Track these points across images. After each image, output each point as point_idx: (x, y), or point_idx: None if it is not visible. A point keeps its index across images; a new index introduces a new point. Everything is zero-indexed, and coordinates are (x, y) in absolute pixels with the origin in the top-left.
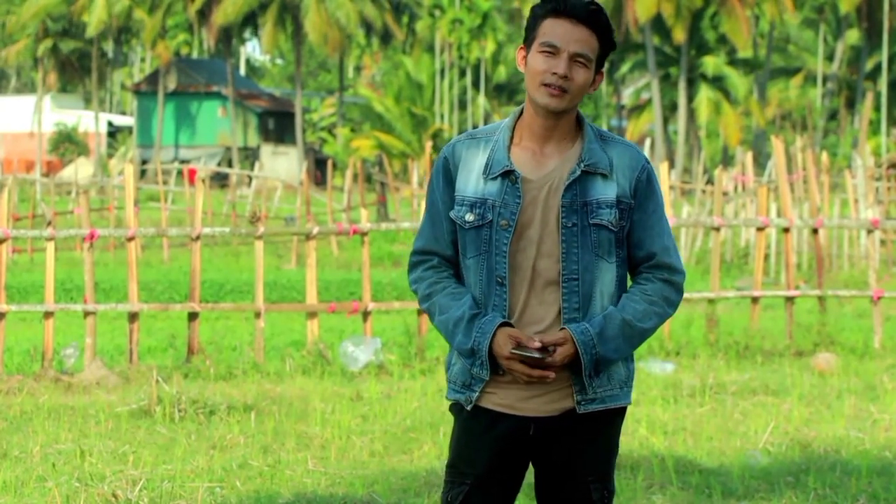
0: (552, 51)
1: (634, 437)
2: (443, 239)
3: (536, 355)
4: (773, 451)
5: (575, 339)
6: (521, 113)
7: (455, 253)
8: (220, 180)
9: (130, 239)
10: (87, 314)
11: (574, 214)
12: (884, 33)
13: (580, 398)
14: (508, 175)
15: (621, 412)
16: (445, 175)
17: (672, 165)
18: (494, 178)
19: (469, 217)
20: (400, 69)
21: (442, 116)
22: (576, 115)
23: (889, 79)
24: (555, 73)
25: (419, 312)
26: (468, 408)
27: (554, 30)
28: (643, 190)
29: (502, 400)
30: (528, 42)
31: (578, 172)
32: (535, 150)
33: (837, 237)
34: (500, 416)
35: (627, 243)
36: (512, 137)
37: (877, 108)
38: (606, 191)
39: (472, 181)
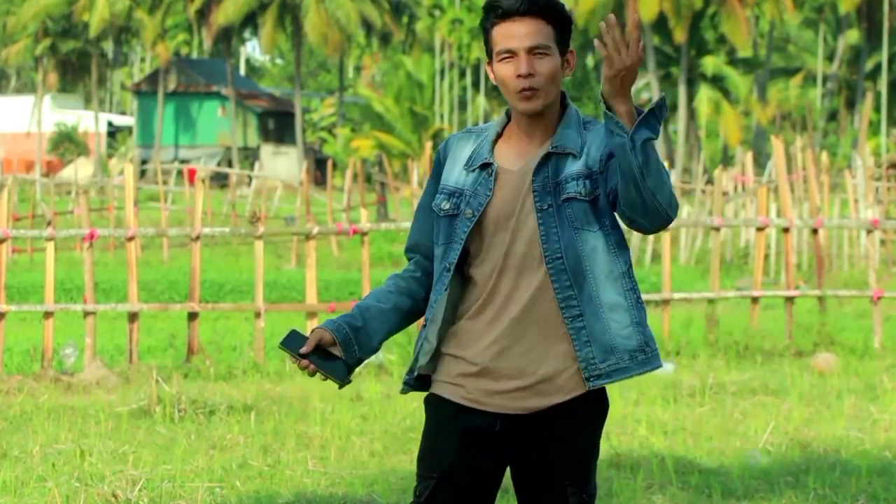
0: (510, 55)
1: (634, 437)
2: (426, 231)
3: (293, 360)
4: (773, 451)
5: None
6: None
7: None
8: (220, 180)
9: (130, 239)
10: (87, 314)
11: (548, 196)
12: (884, 33)
13: (587, 374)
14: (486, 167)
15: (601, 411)
16: (436, 169)
17: (672, 165)
18: (473, 170)
19: (445, 206)
20: (400, 69)
21: (442, 116)
22: (561, 105)
23: (889, 79)
24: (519, 76)
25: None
26: (401, 392)
27: (503, 35)
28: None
29: (468, 394)
30: (490, 57)
31: (542, 154)
32: (521, 145)
33: (837, 237)
34: (465, 410)
35: (611, 184)
36: (501, 134)
37: (877, 108)
38: (574, 167)
39: (454, 172)
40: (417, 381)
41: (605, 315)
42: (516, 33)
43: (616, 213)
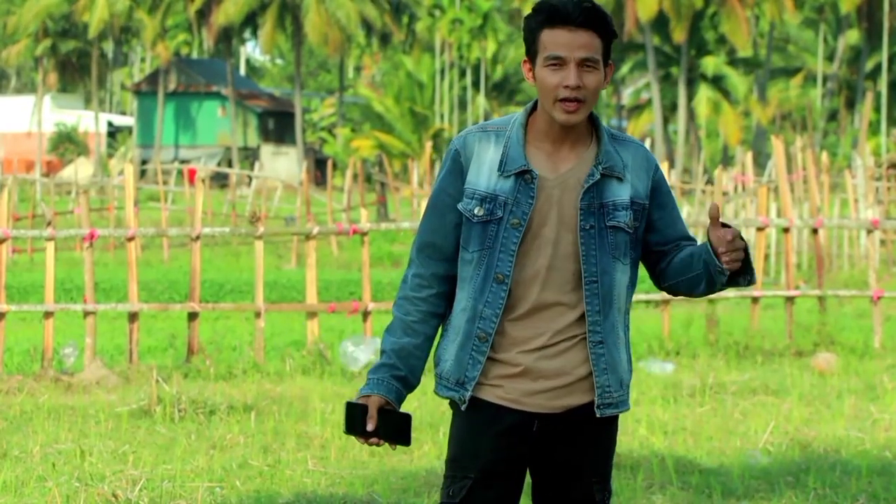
0: (558, 62)
1: (634, 437)
2: (443, 230)
3: (362, 441)
4: (773, 451)
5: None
6: (531, 109)
7: (455, 246)
8: (220, 180)
9: (130, 239)
10: (87, 314)
11: (592, 216)
12: (884, 33)
13: (600, 402)
14: (524, 174)
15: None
16: (455, 167)
17: (672, 165)
18: (509, 176)
19: (478, 211)
20: (400, 69)
21: (442, 116)
22: (589, 115)
23: (889, 79)
24: (567, 87)
25: None
26: (462, 407)
27: (555, 41)
28: (660, 189)
29: (507, 394)
30: (530, 54)
31: (598, 176)
32: (551, 151)
33: (837, 237)
34: (503, 410)
35: (652, 241)
36: (526, 135)
37: (877, 108)
38: (621, 193)
39: (483, 175)
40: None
41: (620, 346)
42: (570, 43)
43: (654, 272)
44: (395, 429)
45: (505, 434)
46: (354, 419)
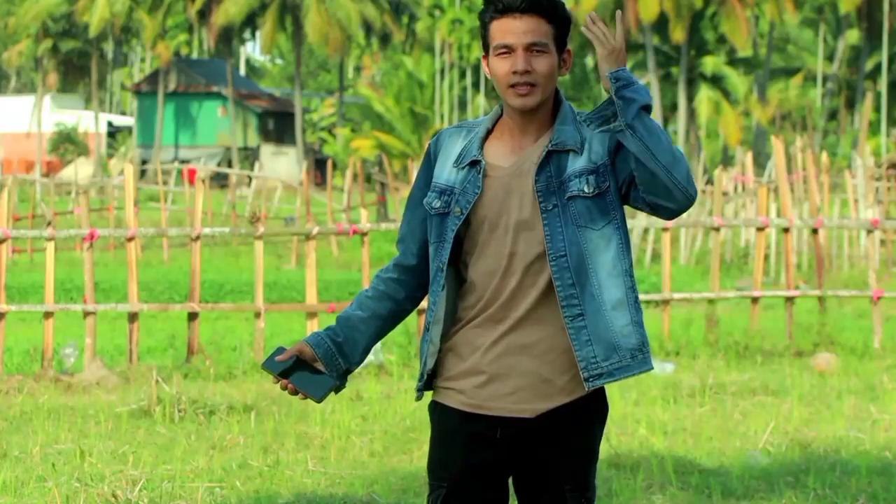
0: (507, 51)
1: (634, 437)
2: (412, 225)
3: (273, 377)
4: (773, 451)
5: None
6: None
7: (422, 240)
8: (219, 180)
9: (130, 239)
10: (87, 314)
11: (553, 196)
12: (884, 33)
13: (587, 374)
14: (475, 164)
15: (602, 414)
16: (427, 163)
17: None
18: (463, 168)
19: (436, 204)
20: (400, 69)
21: (442, 116)
22: (554, 103)
23: (889, 79)
24: (515, 72)
25: (418, 312)
26: (416, 399)
27: (501, 30)
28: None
29: (470, 399)
30: (486, 50)
31: (544, 153)
32: (512, 143)
33: (837, 237)
34: (468, 417)
35: (623, 181)
36: (491, 130)
37: (877, 108)
38: (576, 164)
39: (446, 169)
40: (428, 383)
41: (608, 313)
42: (515, 29)
43: (636, 203)
44: (310, 382)
45: (471, 441)
46: (273, 358)
